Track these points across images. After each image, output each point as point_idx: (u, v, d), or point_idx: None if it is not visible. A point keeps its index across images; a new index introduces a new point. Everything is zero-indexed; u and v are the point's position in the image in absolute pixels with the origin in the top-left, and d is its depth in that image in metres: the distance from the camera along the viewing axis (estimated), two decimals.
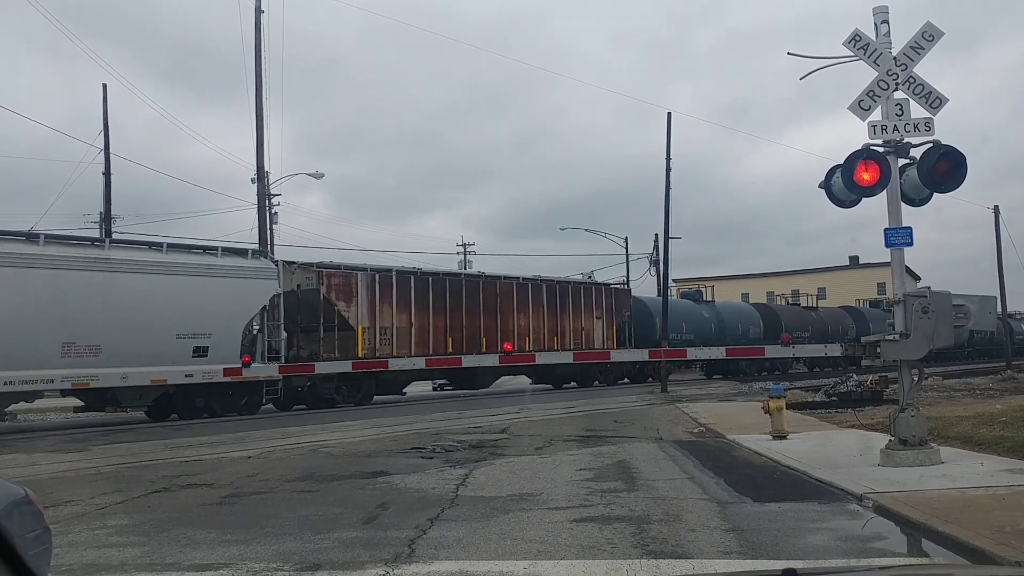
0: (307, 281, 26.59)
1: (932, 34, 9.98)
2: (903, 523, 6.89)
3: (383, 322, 27.78)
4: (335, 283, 26.88)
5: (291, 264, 26.74)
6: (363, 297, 27.33)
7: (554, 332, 34.17)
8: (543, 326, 33.73)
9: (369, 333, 27.37)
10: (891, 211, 9.94)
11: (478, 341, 30.71)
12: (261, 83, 34.50)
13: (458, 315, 30.32)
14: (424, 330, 29.00)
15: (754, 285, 77.81)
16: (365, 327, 27.25)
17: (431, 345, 29.04)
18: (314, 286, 26.53)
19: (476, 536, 6.83)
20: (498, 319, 31.72)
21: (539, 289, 34.04)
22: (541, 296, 33.91)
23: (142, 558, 6.42)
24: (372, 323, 27.42)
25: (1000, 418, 13.27)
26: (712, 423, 16.06)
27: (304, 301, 26.49)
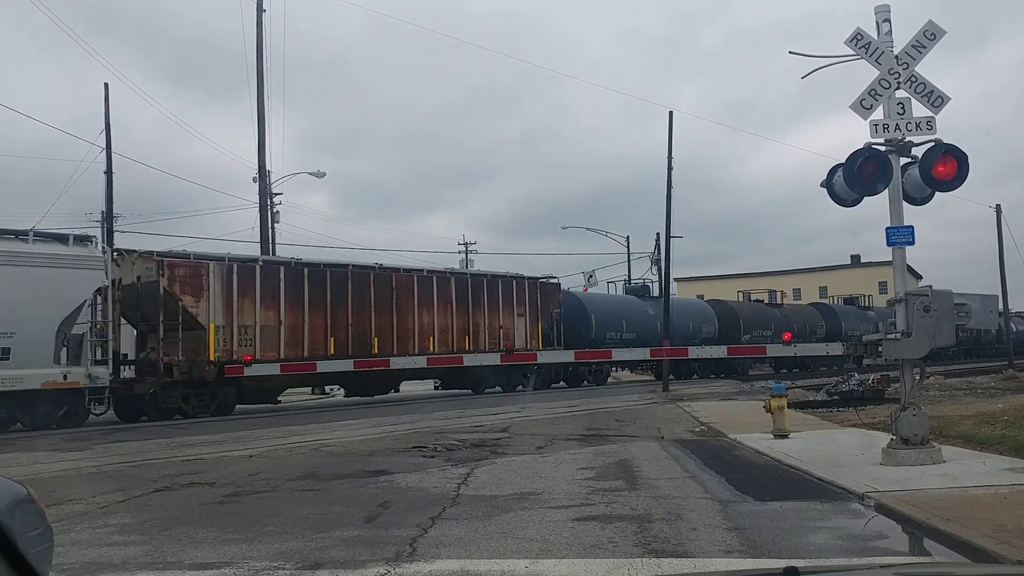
0: (147, 272, 23.34)
1: (934, 33, 9.97)
2: (905, 522, 6.88)
3: (243, 320, 24.25)
4: (179, 275, 23.46)
5: (130, 253, 23.95)
6: (216, 291, 23.81)
7: (465, 331, 30.65)
8: (452, 325, 30.24)
9: (224, 332, 23.79)
10: (893, 210, 9.93)
11: (367, 342, 27.25)
12: (263, 82, 34.60)
13: (342, 312, 26.76)
14: (297, 329, 25.58)
15: (755, 284, 77.57)
16: (219, 325, 23.73)
17: (306, 346, 25.66)
18: (154, 278, 23.13)
19: (477, 535, 6.83)
20: (394, 317, 28.25)
21: (447, 283, 30.55)
22: (449, 291, 30.42)
23: (144, 557, 6.43)
24: (228, 321, 23.95)
25: (1002, 417, 13.26)
26: (714, 422, 16.05)
27: (145, 296, 23.31)
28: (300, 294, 25.87)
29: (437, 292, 29.87)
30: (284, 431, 17.31)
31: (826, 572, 3.09)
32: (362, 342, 27.11)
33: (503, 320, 32.12)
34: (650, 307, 40.28)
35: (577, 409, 21.48)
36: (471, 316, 31.01)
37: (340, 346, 26.54)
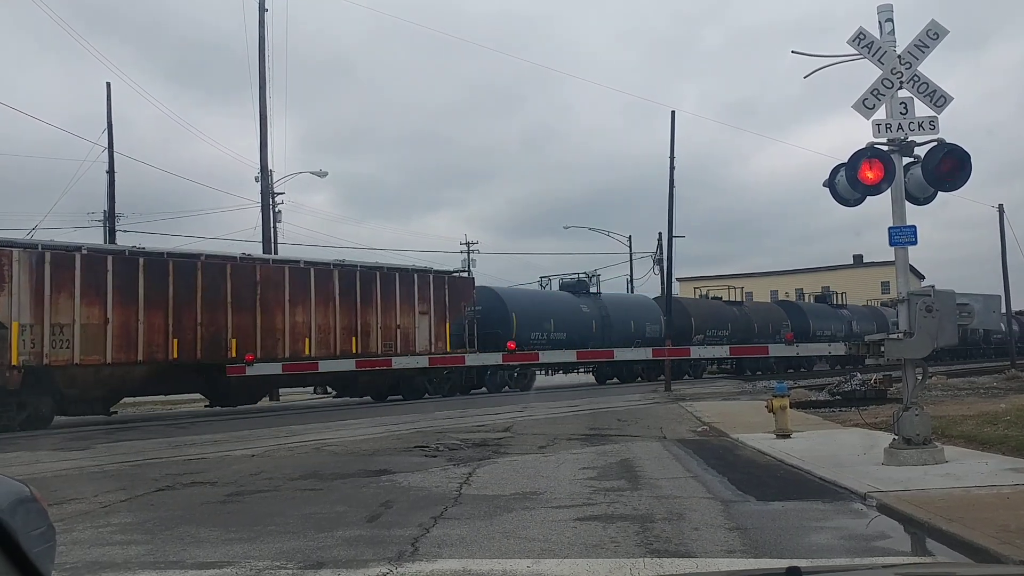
0: None
1: (936, 32, 9.96)
2: (907, 522, 6.88)
3: (58, 318, 20.82)
4: None
5: None
6: (23, 283, 20.31)
7: (352, 332, 26.97)
8: (334, 324, 26.60)
9: (32, 332, 20.39)
10: (895, 210, 9.92)
11: (222, 344, 23.79)
12: (265, 82, 34.65)
13: (189, 310, 23.27)
14: (129, 329, 22.09)
15: (757, 284, 77.73)
16: (25, 324, 20.27)
17: (141, 349, 22.27)
18: None
19: (479, 535, 6.83)
20: (259, 315, 24.77)
21: (328, 277, 26.84)
22: (331, 286, 26.79)
23: (146, 556, 6.43)
24: (38, 318, 20.47)
25: (1004, 417, 13.24)
26: (716, 422, 16.04)
27: None
28: (134, 288, 22.33)
29: (316, 287, 26.26)
30: (286, 431, 17.32)
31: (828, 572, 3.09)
32: (215, 344, 23.63)
33: (401, 319, 28.46)
34: (585, 304, 37.35)
35: (579, 409, 21.47)
36: (360, 314, 27.30)
37: (186, 349, 23.11)
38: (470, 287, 32.14)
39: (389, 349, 27.82)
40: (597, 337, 35.81)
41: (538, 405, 23.07)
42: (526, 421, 18.02)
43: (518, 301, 34.65)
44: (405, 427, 17.24)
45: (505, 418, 18.75)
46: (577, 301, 37.36)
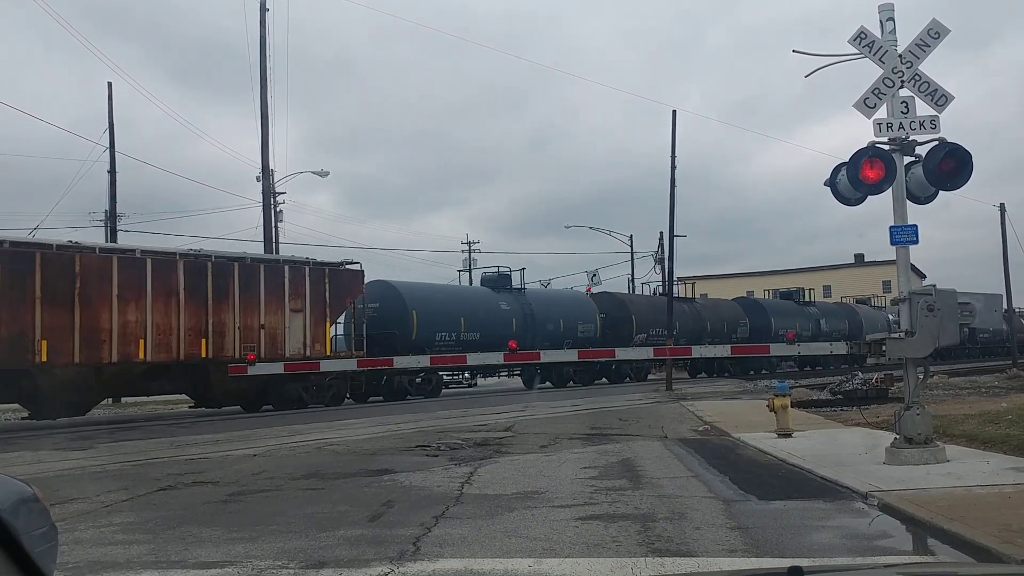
0: None
1: (938, 31, 9.95)
2: (908, 521, 6.88)
3: None
4: None
5: None
6: None
7: (201, 332, 23.47)
8: (178, 323, 23.02)
9: None
10: (896, 209, 9.92)
11: (27, 346, 20.39)
12: (266, 81, 34.67)
13: None
14: None
15: (758, 283, 77.64)
16: None
17: None
18: None
19: (481, 534, 6.83)
20: (78, 313, 21.19)
21: (170, 269, 23.17)
22: (175, 279, 23.15)
23: (148, 556, 6.44)
24: None
25: (1006, 416, 13.23)
26: (717, 421, 16.04)
27: None
28: None
29: (154, 280, 22.66)
30: (287, 430, 17.33)
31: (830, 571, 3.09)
32: (18, 346, 20.29)
33: (267, 318, 24.77)
34: (504, 301, 33.67)
35: (580, 408, 21.48)
36: (212, 313, 23.75)
37: None
38: (358, 281, 28.03)
39: (251, 351, 24.01)
40: (518, 337, 31.76)
41: (539, 405, 23.08)
42: (527, 420, 18.03)
43: (420, 297, 31.06)
44: (407, 426, 17.25)
45: (506, 417, 18.76)
46: (495, 298, 33.79)
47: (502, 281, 35.36)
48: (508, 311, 33.51)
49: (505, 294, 34.58)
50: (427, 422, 18.25)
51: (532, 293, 36.74)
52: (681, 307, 41.10)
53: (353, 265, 27.78)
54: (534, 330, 34.12)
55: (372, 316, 28.83)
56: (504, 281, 35.37)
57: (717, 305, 45.96)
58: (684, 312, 41.00)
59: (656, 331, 37.83)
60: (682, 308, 41.17)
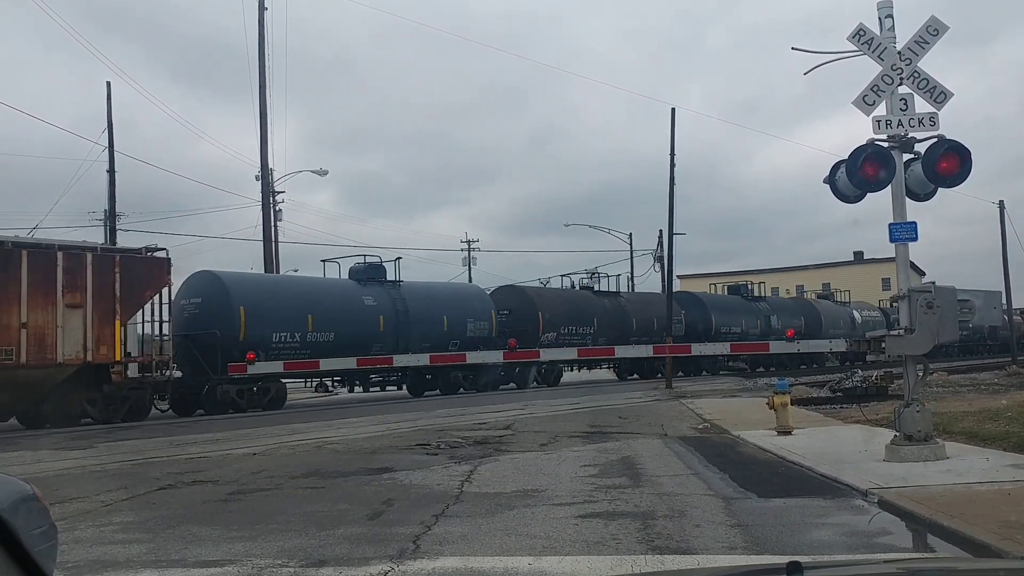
0: None
1: (936, 28, 9.95)
2: (908, 518, 6.88)
3: None
4: None
5: None
6: None
7: None
8: None
9: None
10: (895, 206, 9.92)
11: None
12: (265, 80, 34.71)
13: None
14: None
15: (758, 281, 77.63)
16: None
17: None
18: None
19: (481, 532, 6.83)
20: None
21: None
22: None
23: (147, 555, 6.44)
24: None
25: (1005, 413, 13.23)
26: (717, 419, 16.05)
27: None
28: None
29: None
30: (287, 429, 17.33)
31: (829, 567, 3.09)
32: None
33: (31, 315, 20.09)
34: (371, 295, 28.74)
35: (580, 406, 21.48)
36: None
37: None
38: (162, 270, 23.12)
39: (8, 358, 19.72)
40: (386, 338, 28.31)
41: (539, 403, 23.07)
42: (527, 419, 18.03)
43: (252, 291, 26.28)
44: (406, 425, 17.25)
45: (506, 416, 18.76)
46: (359, 292, 28.71)
47: (372, 272, 29.84)
48: (374, 307, 28.51)
49: (374, 287, 29.30)
50: (427, 421, 18.26)
51: (410, 287, 31.08)
52: (600, 303, 38.09)
53: (158, 252, 23.31)
54: (408, 330, 29.30)
55: (193, 313, 25.16)
56: (375, 272, 29.92)
57: (647, 300, 41.58)
58: (604, 308, 37.71)
59: (571, 329, 34.98)
60: (601, 304, 38.06)
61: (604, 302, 38.47)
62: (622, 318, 38.33)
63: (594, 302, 38.11)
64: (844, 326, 49.40)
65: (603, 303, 38.33)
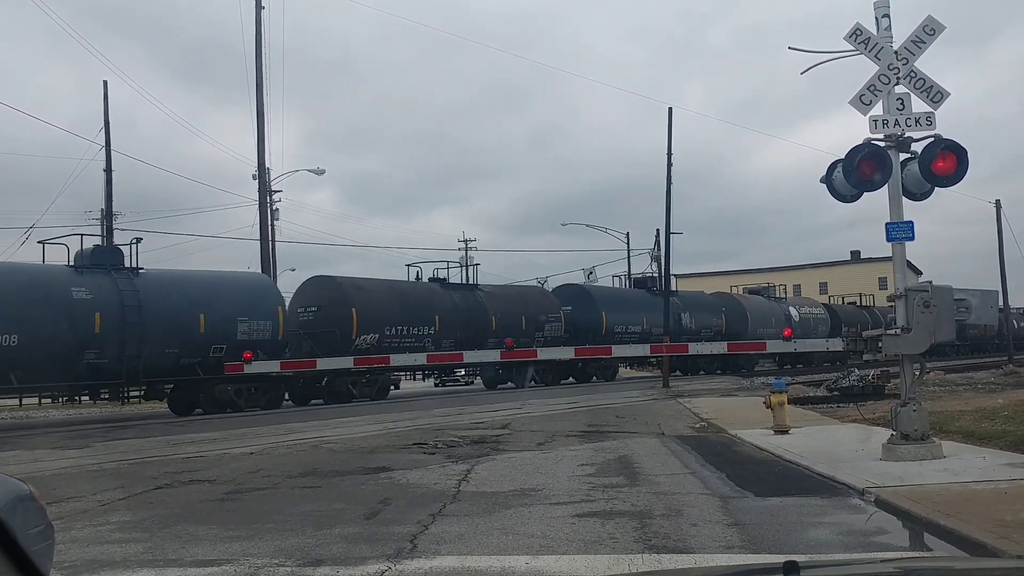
0: None
1: (933, 28, 9.96)
2: (905, 517, 6.89)
3: None
4: None
5: None
6: None
7: None
8: None
9: None
10: (892, 205, 9.93)
11: None
12: (262, 79, 34.72)
13: None
14: None
15: (755, 280, 77.59)
16: None
17: None
18: None
19: (478, 531, 6.83)
20: None
21: None
22: None
23: (144, 554, 6.43)
24: None
25: (1002, 412, 13.26)
26: (714, 418, 16.06)
27: None
28: None
29: None
30: (284, 428, 17.32)
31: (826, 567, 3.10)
32: None
33: None
34: (87, 288, 21.94)
35: (577, 406, 21.48)
36: None
37: None
38: None
39: None
40: (103, 342, 21.85)
41: (536, 402, 23.08)
42: (524, 418, 18.03)
43: None
44: (404, 425, 17.25)
45: (503, 415, 18.76)
46: (68, 282, 21.90)
47: (101, 257, 23.50)
48: (89, 300, 21.85)
49: (96, 277, 22.59)
50: (424, 420, 18.25)
51: (154, 276, 24.32)
52: (449, 297, 31.70)
53: None
54: (141, 333, 22.58)
55: None
56: (106, 257, 23.68)
57: (516, 295, 35.33)
58: (453, 305, 31.63)
59: (401, 330, 29.24)
60: (449, 299, 31.72)
61: (452, 297, 32.03)
62: (476, 316, 32.16)
63: (439, 297, 31.64)
64: (777, 324, 44.81)
65: (450, 298, 31.87)
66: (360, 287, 29.65)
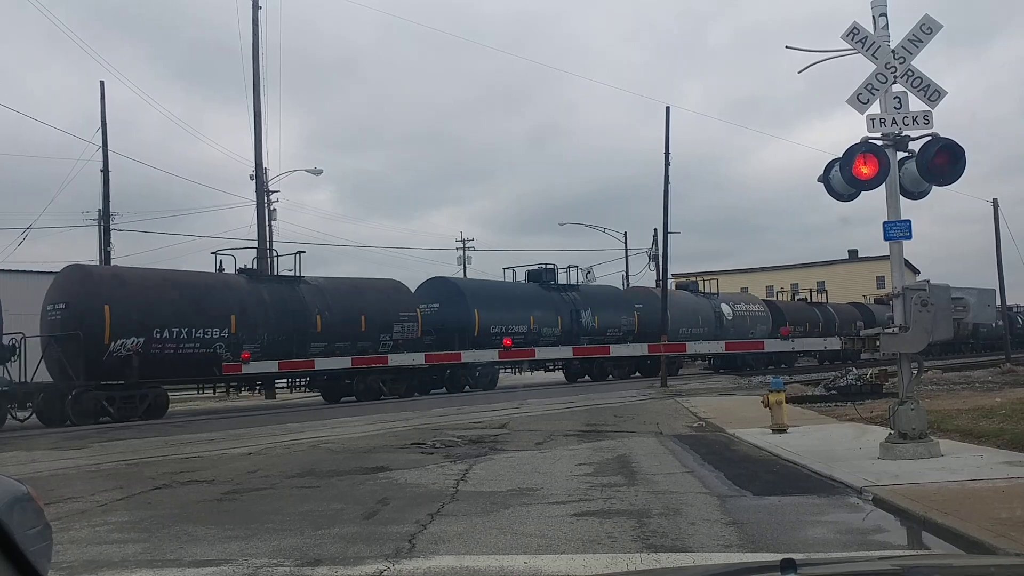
0: None
1: (930, 27, 9.97)
2: (903, 516, 6.90)
3: None
4: None
5: None
6: None
7: None
8: None
9: None
10: (890, 204, 9.94)
11: None
12: (259, 79, 34.71)
13: None
14: None
15: (754, 279, 77.80)
16: None
17: None
18: None
19: (476, 531, 6.84)
20: None
21: None
22: None
23: (143, 554, 6.43)
24: None
25: (999, 411, 13.28)
26: (712, 417, 16.07)
27: None
28: None
29: None
30: (282, 428, 17.31)
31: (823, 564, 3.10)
32: None
33: None
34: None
35: (575, 405, 21.48)
36: None
37: None
38: None
39: None
40: None
41: (534, 402, 23.08)
42: (522, 417, 18.03)
43: None
44: (402, 424, 17.25)
45: (501, 415, 18.76)
46: None
47: None
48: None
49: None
50: (422, 420, 18.25)
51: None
52: (255, 291, 26.19)
53: None
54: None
55: None
56: None
57: (353, 289, 29.24)
58: (258, 299, 26.04)
59: (179, 332, 23.90)
60: (255, 292, 26.15)
61: (259, 291, 26.33)
62: (295, 315, 26.80)
63: (238, 291, 26.06)
64: (705, 323, 41.25)
65: (257, 292, 26.19)
66: (120, 278, 24.33)
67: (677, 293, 42.53)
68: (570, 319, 35.43)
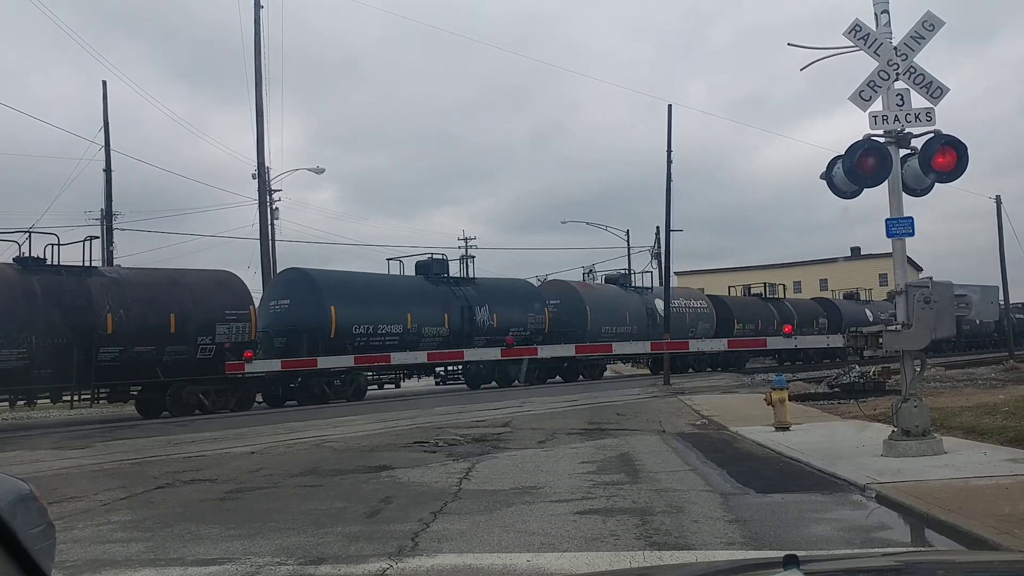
0: None
1: (932, 23, 9.95)
2: (906, 513, 6.89)
3: None
4: None
5: None
6: None
7: None
8: None
9: None
10: (892, 201, 9.92)
11: None
12: (261, 78, 34.74)
13: None
14: None
15: (755, 277, 77.50)
16: None
17: None
18: None
19: (479, 529, 6.84)
20: None
21: None
22: None
23: (146, 553, 6.44)
24: None
25: (1003, 408, 13.26)
26: (715, 415, 16.06)
27: None
28: None
29: None
30: (285, 428, 17.32)
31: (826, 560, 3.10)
32: None
33: None
34: None
35: (578, 403, 21.48)
36: None
37: None
38: None
39: None
40: None
41: (536, 400, 23.07)
42: (525, 416, 18.03)
43: None
44: (404, 423, 17.25)
45: (504, 413, 18.76)
46: None
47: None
48: None
49: None
50: (425, 418, 18.26)
51: None
52: (23, 282, 20.84)
53: None
54: None
55: None
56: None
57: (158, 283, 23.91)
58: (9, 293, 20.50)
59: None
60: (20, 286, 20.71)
61: (28, 281, 21.03)
62: (76, 314, 21.49)
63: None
64: (634, 320, 37.63)
65: (24, 284, 20.96)
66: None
67: (600, 288, 39.28)
68: (460, 317, 30.69)
